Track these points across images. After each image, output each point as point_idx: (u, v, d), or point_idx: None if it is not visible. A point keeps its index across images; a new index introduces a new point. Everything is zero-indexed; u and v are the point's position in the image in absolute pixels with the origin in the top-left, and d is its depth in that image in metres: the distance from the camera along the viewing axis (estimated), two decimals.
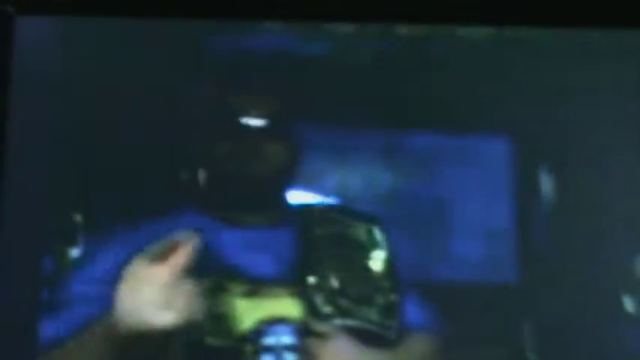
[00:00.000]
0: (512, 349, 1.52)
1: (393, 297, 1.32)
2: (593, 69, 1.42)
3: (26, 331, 1.16)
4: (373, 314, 1.30)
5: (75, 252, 1.39)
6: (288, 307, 1.29)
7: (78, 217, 1.39)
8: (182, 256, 1.13)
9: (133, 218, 1.29)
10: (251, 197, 1.33)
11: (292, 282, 1.32)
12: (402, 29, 1.39)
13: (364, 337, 1.28)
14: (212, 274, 1.28)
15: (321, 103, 1.43)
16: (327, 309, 1.29)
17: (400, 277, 1.35)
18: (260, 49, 1.38)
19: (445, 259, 1.61)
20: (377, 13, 1.10)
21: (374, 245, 1.37)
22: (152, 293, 1.10)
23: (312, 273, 1.32)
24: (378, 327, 1.30)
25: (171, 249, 1.13)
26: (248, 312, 1.27)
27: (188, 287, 1.13)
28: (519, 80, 1.48)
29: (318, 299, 1.29)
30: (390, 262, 1.35)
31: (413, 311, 1.35)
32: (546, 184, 1.62)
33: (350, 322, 1.29)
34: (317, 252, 1.35)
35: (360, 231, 1.38)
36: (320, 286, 1.30)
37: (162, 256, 1.12)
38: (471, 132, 1.65)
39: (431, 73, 1.47)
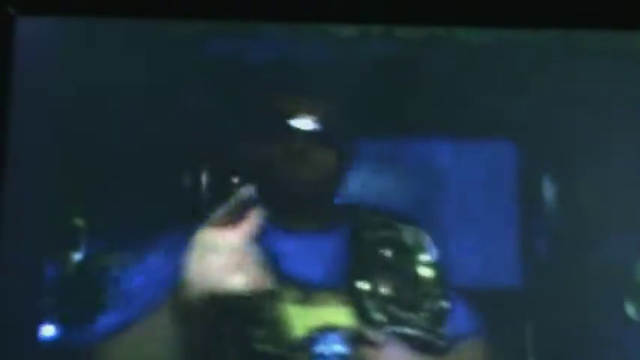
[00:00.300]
0: (513, 354, 1.52)
1: (442, 303, 1.31)
2: (597, 73, 1.42)
3: (27, 336, 1.15)
4: (423, 321, 1.28)
5: (77, 256, 1.39)
6: (340, 314, 1.28)
7: (79, 222, 1.40)
8: (250, 223, 1.11)
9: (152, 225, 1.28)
10: (300, 201, 1.31)
11: (343, 288, 1.30)
12: (406, 33, 1.39)
13: (415, 344, 1.26)
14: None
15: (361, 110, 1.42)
16: (378, 316, 1.27)
17: (448, 283, 1.34)
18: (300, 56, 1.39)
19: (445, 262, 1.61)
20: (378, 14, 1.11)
21: (421, 249, 1.35)
22: (221, 258, 1.08)
23: (363, 279, 1.30)
24: (429, 334, 1.28)
25: (236, 212, 1.10)
26: (300, 319, 1.26)
27: (256, 253, 1.11)
28: (523, 85, 1.48)
29: (370, 306, 1.28)
30: (438, 267, 1.34)
31: (460, 317, 1.34)
32: (549, 189, 1.62)
33: (401, 330, 1.27)
34: (366, 257, 1.33)
35: (406, 234, 1.36)
36: (371, 293, 1.29)
37: (227, 222, 1.10)
38: (475, 137, 1.65)
39: (433, 78, 1.47)
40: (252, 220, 1.12)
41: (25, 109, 1.05)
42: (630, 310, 1.46)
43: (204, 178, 1.47)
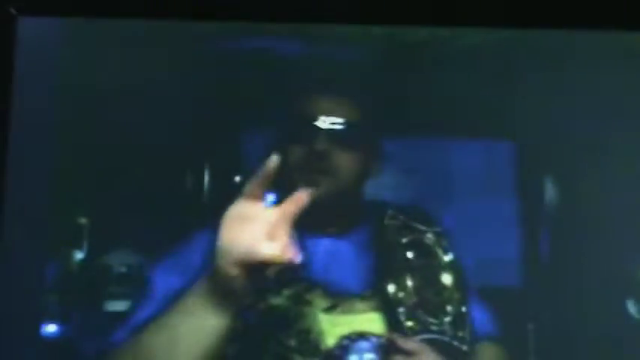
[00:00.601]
0: (515, 353, 1.52)
1: (463, 306, 1.29)
2: (598, 73, 1.42)
3: (30, 334, 1.15)
4: (448, 326, 1.27)
5: (79, 255, 1.40)
6: (370, 321, 1.26)
7: (83, 220, 1.40)
8: (292, 205, 1.07)
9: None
10: (324, 205, 1.24)
11: (371, 294, 1.28)
12: (408, 33, 1.39)
13: (442, 350, 1.24)
14: (293, 285, 1.26)
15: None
16: (409, 323, 1.25)
17: (467, 285, 1.32)
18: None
19: None
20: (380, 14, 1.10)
21: (442, 251, 1.34)
22: (255, 227, 1.05)
23: (391, 284, 1.29)
24: (454, 339, 1.26)
25: (266, 183, 1.07)
26: (330, 327, 1.24)
27: (289, 229, 1.07)
28: (524, 86, 1.48)
29: (399, 313, 1.26)
30: (457, 269, 1.33)
31: (479, 319, 1.33)
32: (550, 189, 1.62)
33: (430, 336, 1.25)
34: (392, 261, 1.31)
35: (428, 236, 1.35)
36: (399, 299, 1.27)
37: (259, 193, 1.07)
38: (477, 138, 1.65)
39: (433, 77, 1.47)
40: (297, 204, 1.08)
41: (26, 108, 1.05)
42: (632, 309, 1.46)
43: (208, 178, 1.47)
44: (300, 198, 1.08)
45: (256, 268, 1.06)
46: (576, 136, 1.50)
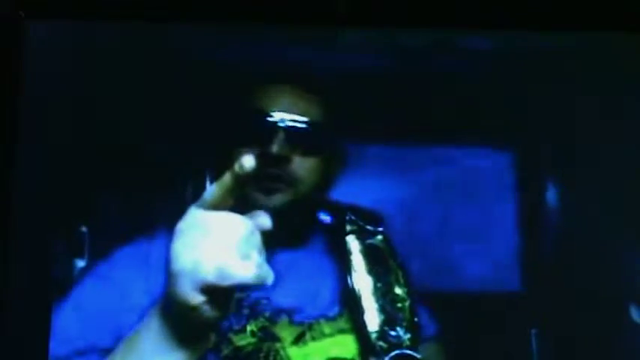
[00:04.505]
0: (518, 358, 1.53)
1: (413, 312, 1.18)
2: (600, 78, 1.43)
3: (36, 341, 1.14)
4: (407, 336, 1.16)
5: (81, 263, 1.39)
6: (340, 345, 1.15)
7: (84, 228, 1.39)
8: (265, 218, 0.90)
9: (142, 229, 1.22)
10: (281, 223, 1.04)
11: (339, 315, 1.18)
12: (407, 38, 1.37)
13: None
14: (257, 318, 1.14)
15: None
16: (380, 343, 1.14)
17: (413, 290, 1.21)
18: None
19: (448, 268, 1.62)
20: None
21: (391, 255, 1.22)
22: (226, 244, 0.85)
23: (356, 301, 1.16)
24: (414, 350, 1.15)
25: (234, 189, 0.87)
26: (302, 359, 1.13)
27: (260, 245, 0.89)
28: (525, 90, 1.48)
29: (370, 332, 1.15)
30: (405, 275, 1.21)
31: (426, 323, 1.26)
32: (551, 193, 1.63)
33: (399, 352, 1.14)
34: (354, 273, 1.18)
35: (378, 239, 1.23)
36: (366, 317, 1.16)
37: (223, 201, 0.88)
38: (475, 143, 1.66)
39: (434, 85, 1.47)
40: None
41: (35, 112, 1.03)
42: (635, 314, 1.46)
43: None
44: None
45: (225, 294, 0.87)
46: (578, 140, 1.51)
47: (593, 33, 1.14)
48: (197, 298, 0.85)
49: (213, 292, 0.85)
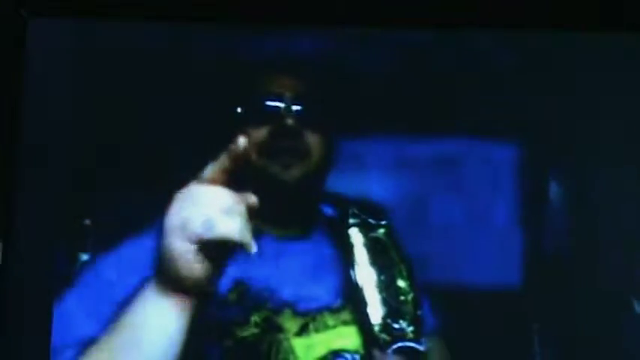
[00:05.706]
0: (519, 356, 1.52)
1: (417, 306, 1.21)
2: (606, 73, 1.42)
3: (38, 337, 1.15)
4: (410, 329, 1.18)
5: (85, 257, 1.39)
6: (344, 337, 1.18)
7: (88, 222, 1.39)
8: (254, 197, 0.95)
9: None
10: (285, 204, 1.16)
11: (342, 306, 1.20)
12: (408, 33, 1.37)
13: (411, 357, 1.18)
14: (260, 309, 1.16)
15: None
16: (383, 335, 1.17)
17: (417, 284, 1.23)
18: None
19: (451, 262, 1.62)
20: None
21: (394, 248, 1.24)
22: (213, 207, 0.90)
23: (359, 292, 1.19)
24: (417, 343, 1.18)
25: (230, 168, 0.93)
26: (306, 351, 1.15)
27: (247, 216, 0.92)
28: (528, 83, 1.48)
29: (373, 324, 1.18)
30: (408, 267, 1.23)
31: (428, 317, 1.27)
32: (555, 188, 1.62)
33: (402, 344, 1.17)
34: (356, 265, 1.21)
35: (381, 232, 1.25)
36: (370, 308, 1.18)
37: (219, 178, 0.93)
38: (480, 136, 1.65)
39: (439, 77, 1.47)
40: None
41: (37, 111, 1.04)
42: (639, 309, 1.46)
43: None
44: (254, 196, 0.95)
45: (212, 246, 0.92)
46: (583, 134, 1.50)
47: (593, 33, 1.14)
48: (185, 246, 0.91)
49: (201, 244, 0.91)
